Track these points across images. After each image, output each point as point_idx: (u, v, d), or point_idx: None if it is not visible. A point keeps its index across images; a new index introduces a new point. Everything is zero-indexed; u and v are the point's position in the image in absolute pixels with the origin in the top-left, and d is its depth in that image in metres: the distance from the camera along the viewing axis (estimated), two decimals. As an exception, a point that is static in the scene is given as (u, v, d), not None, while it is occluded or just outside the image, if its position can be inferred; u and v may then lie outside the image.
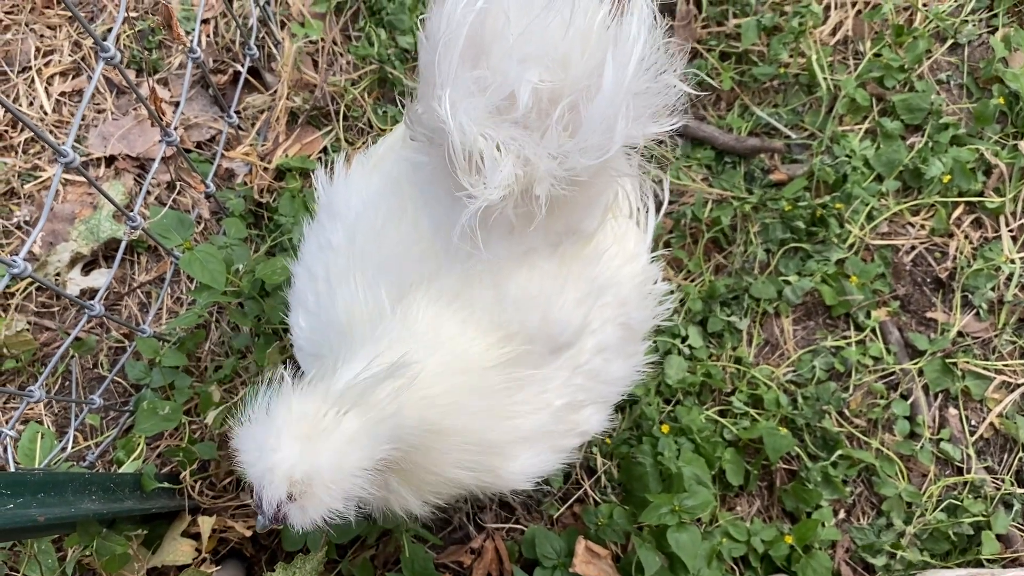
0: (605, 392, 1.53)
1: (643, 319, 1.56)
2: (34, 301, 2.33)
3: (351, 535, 1.99)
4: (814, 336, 2.32)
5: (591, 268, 1.39)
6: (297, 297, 1.54)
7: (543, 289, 1.31)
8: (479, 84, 1.06)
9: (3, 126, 2.53)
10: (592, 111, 1.06)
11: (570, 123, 1.09)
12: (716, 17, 2.63)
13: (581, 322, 1.35)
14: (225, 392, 2.14)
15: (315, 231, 1.55)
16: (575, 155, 1.09)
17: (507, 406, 1.33)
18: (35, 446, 1.82)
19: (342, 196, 1.51)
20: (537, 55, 1.06)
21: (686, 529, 1.85)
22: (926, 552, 2.06)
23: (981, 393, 2.22)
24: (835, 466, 2.12)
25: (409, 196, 1.36)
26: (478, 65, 1.07)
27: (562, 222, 1.26)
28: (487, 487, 1.42)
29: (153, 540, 1.95)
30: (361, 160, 1.56)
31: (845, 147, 2.46)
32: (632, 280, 1.51)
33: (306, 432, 1.08)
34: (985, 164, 2.43)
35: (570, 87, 1.07)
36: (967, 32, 2.61)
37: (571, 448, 1.51)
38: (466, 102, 1.05)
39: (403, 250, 1.33)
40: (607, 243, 1.42)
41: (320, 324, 1.42)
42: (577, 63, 1.07)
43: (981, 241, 2.39)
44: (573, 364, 1.39)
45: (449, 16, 1.06)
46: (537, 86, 1.06)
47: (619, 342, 1.49)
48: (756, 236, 2.38)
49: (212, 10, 2.69)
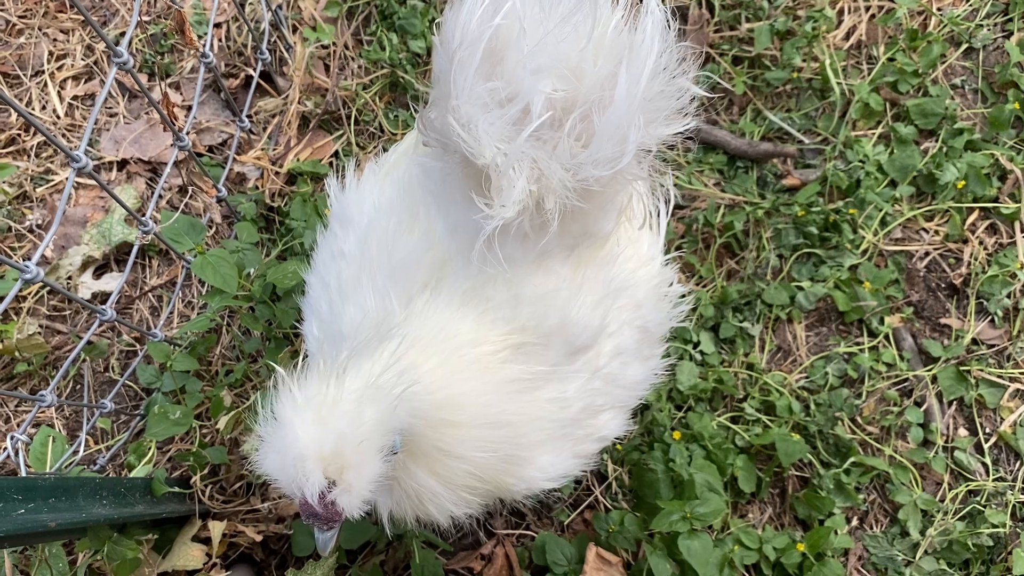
0: (623, 396, 1.53)
1: (659, 321, 1.56)
2: (46, 305, 2.33)
3: (361, 540, 1.98)
4: (827, 342, 2.31)
5: (606, 271, 1.38)
6: (310, 306, 1.54)
7: (560, 292, 1.31)
8: (493, 96, 1.06)
9: (16, 130, 2.54)
10: (605, 122, 1.06)
11: (583, 133, 1.08)
12: (729, 21, 2.62)
13: (599, 324, 1.35)
14: (236, 396, 2.14)
15: (328, 240, 1.55)
16: (588, 167, 1.08)
17: (525, 406, 1.32)
18: (46, 450, 1.82)
19: (354, 204, 1.51)
20: (550, 65, 1.05)
21: (698, 536, 1.84)
22: (943, 561, 2.04)
23: (996, 402, 2.20)
24: (848, 473, 2.11)
25: (422, 201, 1.36)
26: (492, 76, 1.07)
27: (577, 225, 1.26)
28: (508, 488, 1.41)
29: (164, 545, 1.95)
30: (373, 168, 1.56)
31: (859, 152, 2.45)
32: (647, 283, 1.51)
33: (317, 414, 1.07)
34: (1000, 169, 2.42)
35: (583, 97, 1.06)
36: (982, 36, 2.60)
37: (591, 454, 1.51)
38: (482, 118, 1.05)
39: (415, 256, 1.33)
40: (621, 246, 1.42)
41: (333, 333, 1.41)
42: (590, 72, 1.07)
43: (996, 247, 2.37)
44: (591, 368, 1.39)
45: (464, 27, 1.05)
46: (551, 96, 1.05)
47: (636, 345, 1.48)
48: (769, 241, 2.37)
49: (224, 14, 2.69)
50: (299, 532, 1.98)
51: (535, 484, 1.42)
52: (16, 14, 2.70)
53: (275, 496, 2.05)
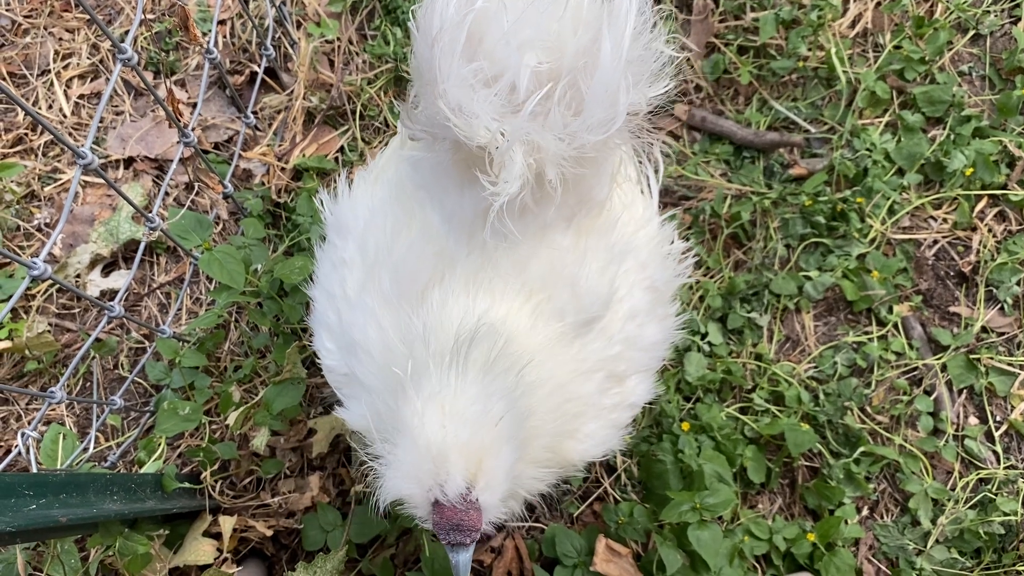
0: (644, 359, 1.52)
1: (667, 279, 1.56)
2: (55, 303, 2.34)
3: (371, 534, 1.99)
4: (835, 332, 2.30)
5: (608, 237, 1.38)
6: (319, 320, 1.53)
7: (566, 264, 1.30)
8: (478, 76, 1.05)
9: (23, 129, 2.55)
10: (594, 87, 1.05)
11: (571, 101, 1.08)
12: (733, 11, 2.60)
13: (609, 290, 1.34)
14: (245, 392, 2.14)
15: (327, 252, 1.54)
16: (582, 133, 1.08)
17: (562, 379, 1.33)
18: (57, 447, 1.82)
19: (348, 212, 1.50)
20: (533, 38, 1.05)
21: (707, 527, 1.84)
22: (954, 550, 2.04)
23: (1006, 390, 2.19)
24: (858, 463, 2.10)
25: (414, 197, 1.35)
26: (475, 56, 1.06)
27: (574, 196, 1.25)
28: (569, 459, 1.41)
29: (175, 540, 1.95)
30: (363, 175, 1.56)
31: (865, 141, 2.44)
32: (649, 243, 1.50)
33: (443, 408, 1.05)
34: (1008, 156, 2.40)
35: (568, 67, 1.06)
36: (989, 23, 2.58)
37: (625, 423, 1.51)
38: (472, 98, 1.04)
39: (416, 251, 1.32)
40: (617, 212, 1.42)
41: (347, 343, 1.41)
42: (571, 42, 1.06)
43: (1005, 234, 2.35)
44: (607, 335, 1.38)
45: (443, 12, 1.04)
46: (536, 69, 1.05)
47: (649, 305, 1.48)
48: (776, 231, 2.36)
49: (228, 11, 2.69)
50: (309, 526, 1.98)
51: (587, 453, 1.42)
52: (22, 14, 2.71)
53: (285, 491, 2.05)
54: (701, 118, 2.51)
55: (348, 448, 2.12)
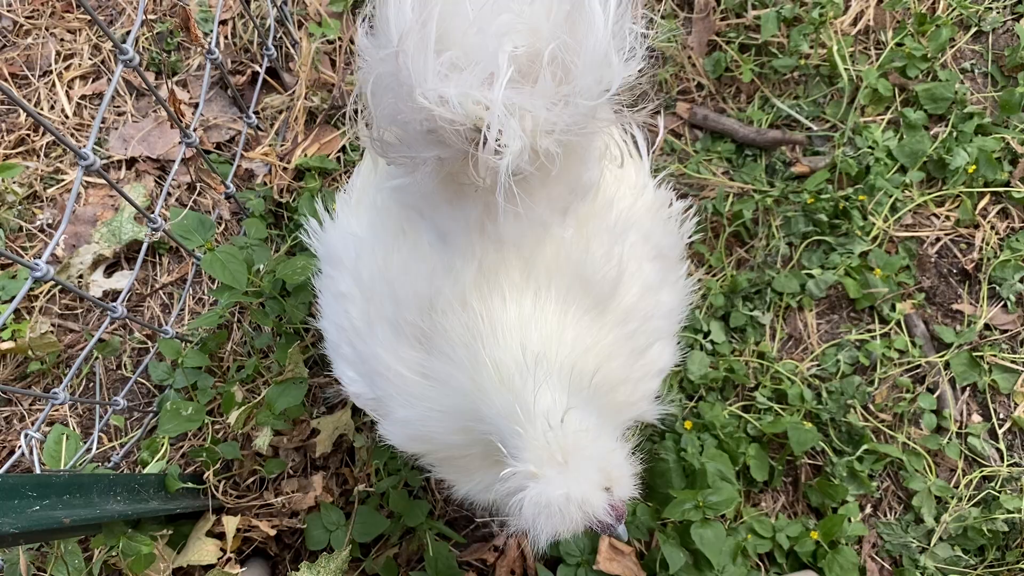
0: (664, 327, 1.52)
1: (672, 244, 1.56)
2: (58, 303, 2.35)
3: (375, 533, 1.99)
4: (838, 330, 2.30)
5: (607, 218, 1.37)
6: (334, 351, 1.53)
7: (569, 257, 1.29)
8: (453, 65, 1.01)
9: (25, 130, 2.55)
10: (586, 50, 1.02)
11: (557, 71, 1.04)
12: (735, 9, 2.60)
13: (616, 273, 1.34)
14: (247, 392, 2.14)
15: (326, 284, 1.54)
16: (575, 98, 1.04)
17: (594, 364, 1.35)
18: (60, 448, 1.83)
19: (338, 242, 1.49)
20: (509, 24, 1.01)
21: (710, 525, 1.84)
22: (958, 547, 2.04)
23: (1009, 387, 2.19)
24: (861, 461, 2.10)
25: (404, 218, 1.33)
26: (443, 49, 1.01)
27: (562, 184, 1.23)
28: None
29: (178, 540, 1.96)
30: (344, 200, 1.54)
31: (868, 138, 2.43)
32: (648, 212, 1.49)
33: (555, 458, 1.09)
34: (1011, 153, 2.40)
35: (545, 42, 1.03)
36: (991, 20, 2.58)
37: (655, 391, 1.52)
38: (451, 84, 1.00)
39: (411, 274, 1.30)
40: (612, 189, 1.41)
41: (368, 371, 1.41)
42: (546, 21, 1.02)
43: (1008, 232, 2.35)
44: (624, 313, 1.38)
45: (398, 19, 1.01)
46: (513, 53, 1.02)
47: (659, 274, 1.47)
48: (778, 229, 2.36)
49: (229, 11, 2.69)
50: (313, 526, 1.98)
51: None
52: (23, 15, 2.71)
53: (288, 491, 2.06)
54: (703, 116, 2.50)
55: (351, 447, 2.12)
